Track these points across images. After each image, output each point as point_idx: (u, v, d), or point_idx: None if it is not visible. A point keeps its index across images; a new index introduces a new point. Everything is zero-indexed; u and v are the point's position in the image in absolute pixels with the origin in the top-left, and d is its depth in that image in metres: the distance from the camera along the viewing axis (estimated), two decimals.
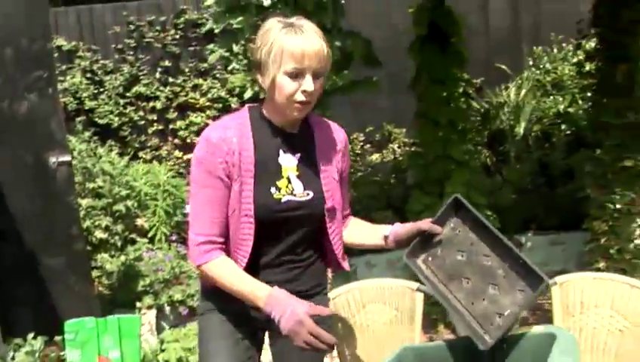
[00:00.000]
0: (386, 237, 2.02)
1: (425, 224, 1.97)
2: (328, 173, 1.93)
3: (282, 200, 1.83)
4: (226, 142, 1.78)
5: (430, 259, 1.96)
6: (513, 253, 1.83)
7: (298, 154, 1.88)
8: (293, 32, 1.72)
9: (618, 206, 4.35)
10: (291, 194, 1.84)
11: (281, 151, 1.86)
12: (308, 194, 1.87)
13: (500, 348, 1.79)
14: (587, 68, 4.74)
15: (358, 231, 2.12)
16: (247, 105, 1.92)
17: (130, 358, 3.04)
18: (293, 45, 1.70)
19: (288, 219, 1.85)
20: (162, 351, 3.39)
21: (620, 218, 4.37)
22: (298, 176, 1.87)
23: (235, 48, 3.96)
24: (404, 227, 1.99)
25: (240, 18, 3.42)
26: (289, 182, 1.85)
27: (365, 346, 2.54)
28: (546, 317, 3.80)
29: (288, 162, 1.87)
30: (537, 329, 1.83)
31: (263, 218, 1.81)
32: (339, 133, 2.00)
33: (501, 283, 1.85)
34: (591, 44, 5.35)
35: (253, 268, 1.84)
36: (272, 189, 1.82)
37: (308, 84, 1.73)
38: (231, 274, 1.80)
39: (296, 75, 1.72)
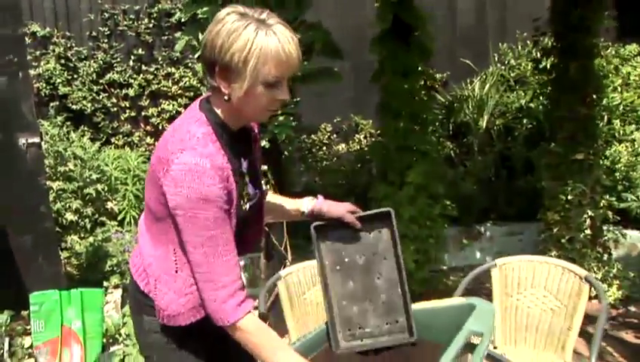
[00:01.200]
0: (302, 212, 1.91)
1: (350, 218, 1.84)
2: (260, 164, 1.86)
3: (247, 209, 1.71)
4: (221, 169, 1.54)
5: (329, 242, 1.89)
6: (406, 293, 1.84)
7: (248, 158, 1.73)
8: (271, 33, 1.48)
9: (570, 197, 4.52)
10: (249, 199, 1.72)
11: (242, 160, 1.69)
12: (256, 194, 1.77)
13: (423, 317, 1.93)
14: (544, 64, 4.90)
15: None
16: (201, 110, 1.63)
17: (92, 329, 3.16)
18: (275, 51, 1.48)
19: (247, 223, 1.73)
20: (124, 324, 3.51)
21: (571, 209, 4.55)
22: (250, 179, 1.74)
23: (202, 37, 4.09)
24: (329, 211, 1.85)
25: (206, 8, 3.55)
26: (247, 187, 1.72)
27: (317, 322, 2.59)
28: (485, 297, 3.97)
29: (246, 168, 1.71)
30: (460, 300, 1.98)
31: (237, 232, 1.64)
32: None
33: (377, 305, 1.87)
34: (549, 41, 5.52)
35: None
36: (241, 201, 1.67)
37: (285, 93, 1.56)
38: (265, 332, 1.61)
39: (273, 84, 1.53)
